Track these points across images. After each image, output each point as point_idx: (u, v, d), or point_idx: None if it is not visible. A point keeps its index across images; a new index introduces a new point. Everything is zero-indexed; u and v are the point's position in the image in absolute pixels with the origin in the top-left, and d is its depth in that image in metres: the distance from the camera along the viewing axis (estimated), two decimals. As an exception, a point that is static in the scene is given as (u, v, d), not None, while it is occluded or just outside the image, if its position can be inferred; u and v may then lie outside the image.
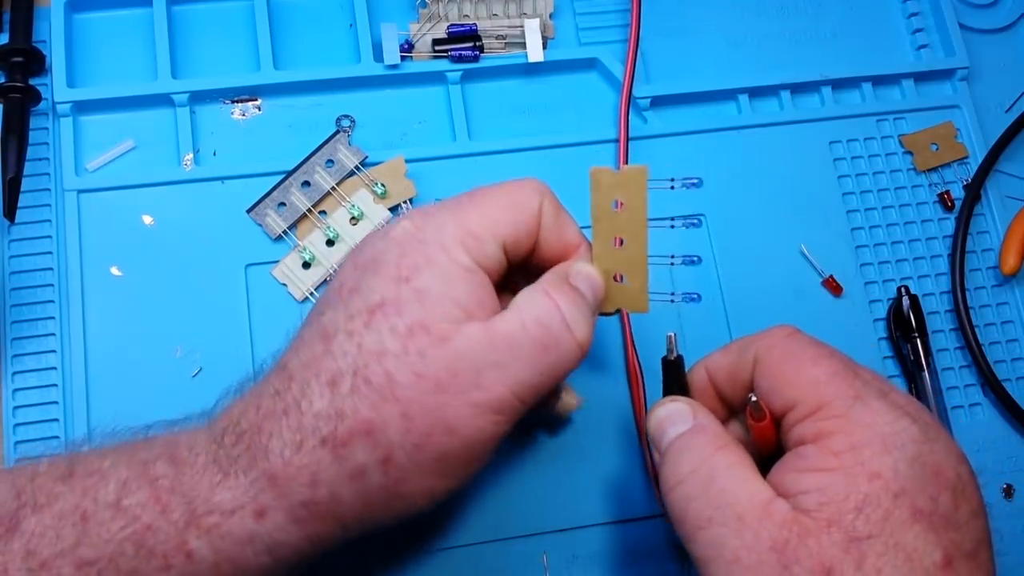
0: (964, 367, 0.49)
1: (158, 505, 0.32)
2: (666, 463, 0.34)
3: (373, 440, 0.32)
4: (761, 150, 0.51)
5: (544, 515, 0.44)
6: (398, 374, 0.32)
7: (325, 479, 0.32)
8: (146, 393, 0.43)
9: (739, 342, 0.36)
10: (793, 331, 0.35)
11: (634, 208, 0.35)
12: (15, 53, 0.47)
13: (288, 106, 0.49)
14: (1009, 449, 0.48)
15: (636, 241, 0.36)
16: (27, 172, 0.45)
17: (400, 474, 0.32)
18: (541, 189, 0.36)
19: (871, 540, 0.29)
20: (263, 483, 0.32)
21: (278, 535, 0.32)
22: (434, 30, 0.50)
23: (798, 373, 0.33)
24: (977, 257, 0.51)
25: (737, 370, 0.36)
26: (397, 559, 0.42)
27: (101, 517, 0.31)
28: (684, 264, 0.41)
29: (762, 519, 0.30)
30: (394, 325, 0.32)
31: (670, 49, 0.53)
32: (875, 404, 0.31)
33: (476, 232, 0.34)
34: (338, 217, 0.47)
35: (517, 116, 0.51)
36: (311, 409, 0.32)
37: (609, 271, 0.37)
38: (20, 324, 0.44)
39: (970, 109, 0.53)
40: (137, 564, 0.31)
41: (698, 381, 0.37)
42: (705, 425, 0.34)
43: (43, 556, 0.31)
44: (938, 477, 0.30)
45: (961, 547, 0.30)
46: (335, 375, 0.32)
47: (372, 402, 0.31)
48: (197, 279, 0.46)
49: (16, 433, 0.43)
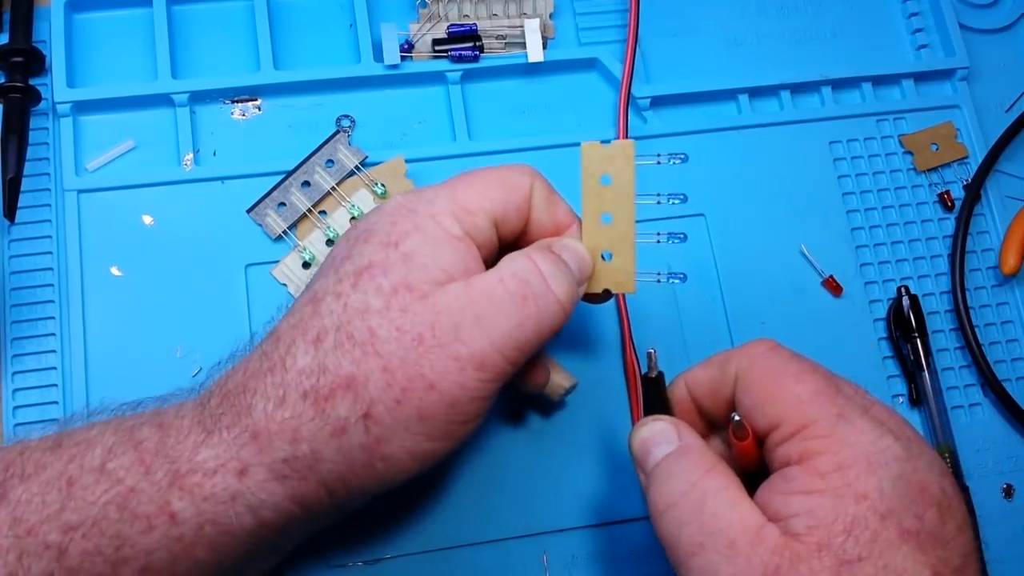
0: (964, 367, 0.49)
1: (142, 467, 0.32)
2: (653, 486, 0.33)
3: (354, 394, 0.32)
4: (761, 150, 0.51)
5: (544, 515, 0.44)
6: (380, 329, 0.32)
7: (307, 434, 0.32)
8: (146, 393, 0.43)
9: (719, 356, 0.36)
10: (773, 345, 0.35)
11: (622, 183, 0.36)
12: (15, 53, 0.47)
13: (288, 106, 0.49)
14: (1009, 449, 0.48)
15: (623, 216, 0.36)
16: (27, 172, 0.45)
17: (381, 431, 0.32)
18: (532, 172, 0.37)
19: (861, 563, 0.29)
20: (245, 439, 0.32)
21: (260, 494, 0.32)
22: (434, 30, 0.50)
23: (781, 391, 0.33)
24: (977, 257, 0.51)
25: (718, 385, 0.35)
26: (398, 559, 0.42)
27: (85, 481, 0.32)
28: (671, 242, 0.41)
29: (754, 545, 0.30)
30: (379, 285, 0.33)
31: (670, 49, 0.53)
32: (859, 422, 0.31)
33: (466, 206, 0.35)
34: (338, 217, 0.47)
35: (517, 116, 0.51)
36: (295, 366, 0.33)
37: (597, 248, 0.37)
38: (20, 324, 0.44)
39: (970, 109, 0.53)
40: (120, 527, 0.31)
41: (679, 396, 0.37)
42: (691, 446, 0.33)
43: (30, 522, 0.31)
44: (923, 494, 0.30)
45: (949, 563, 0.30)
46: (320, 332, 0.33)
47: (354, 357, 0.32)
48: (197, 279, 0.46)
49: (16, 433, 0.43)
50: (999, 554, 0.45)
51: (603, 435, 0.45)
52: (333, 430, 0.32)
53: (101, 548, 0.31)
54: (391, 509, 0.43)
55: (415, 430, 0.32)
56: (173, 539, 0.32)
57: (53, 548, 0.31)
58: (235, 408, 0.33)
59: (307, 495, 0.33)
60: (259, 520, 0.33)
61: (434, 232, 0.34)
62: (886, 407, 0.33)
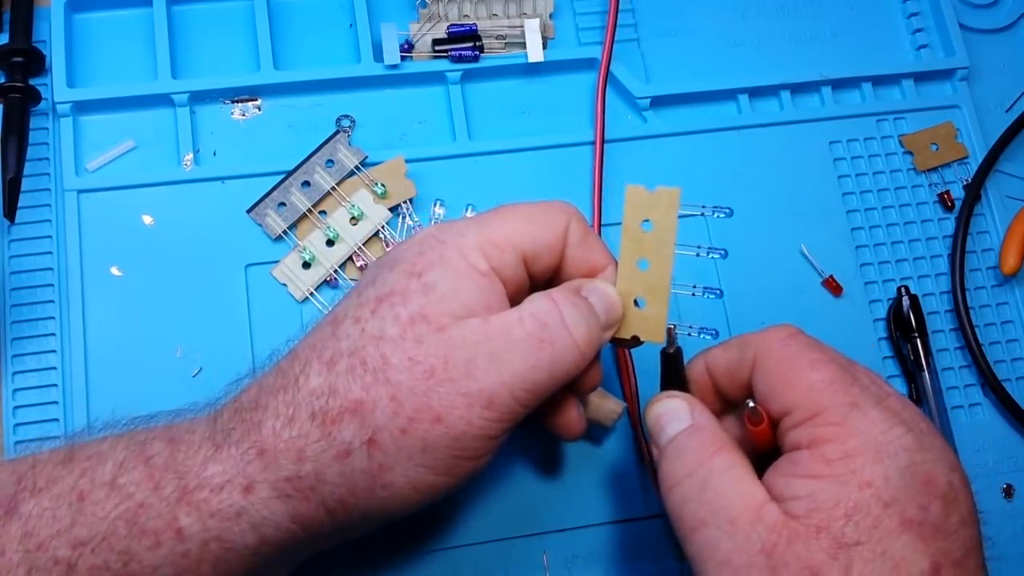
0: (964, 367, 0.49)
1: (151, 482, 0.32)
2: (664, 462, 0.34)
3: (360, 419, 0.32)
4: (761, 150, 0.51)
5: (544, 515, 0.44)
6: (393, 357, 0.32)
7: (311, 454, 0.32)
8: (146, 393, 0.43)
9: (739, 339, 0.36)
10: (793, 332, 0.35)
11: (663, 230, 0.35)
12: (15, 53, 0.47)
13: (288, 106, 0.49)
14: (1009, 449, 0.48)
15: (661, 264, 0.36)
16: (27, 172, 0.45)
17: (384, 459, 0.32)
18: (569, 210, 0.37)
19: (859, 547, 0.29)
20: (251, 455, 0.32)
21: (263, 511, 0.32)
22: (434, 30, 0.50)
23: (796, 378, 0.33)
24: (977, 257, 0.51)
25: (736, 367, 0.36)
26: (398, 559, 0.42)
27: (96, 496, 0.32)
28: (706, 296, 0.41)
29: (754, 522, 0.30)
30: (397, 313, 0.33)
31: (670, 49, 0.53)
32: (871, 412, 0.31)
33: (495, 240, 0.35)
34: (338, 217, 0.47)
35: (517, 116, 0.51)
36: (307, 385, 0.33)
37: (630, 293, 0.36)
38: (20, 324, 0.44)
39: (970, 109, 0.53)
40: (129, 543, 0.31)
41: (697, 375, 0.37)
42: (703, 425, 0.34)
43: (40, 537, 0.31)
44: (929, 486, 0.30)
45: (949, 555, 0.30)
46: (335, 355, 0.33)
47: (365, 383, 0.32)
48: (197, 279, 0.46)
49: (16, 433, 0.43)
50: (999, 554, 0.45)
51: (603, 435, 0.45)
52: (337, 453, 0.32)
53: (109, 564, 0.31)
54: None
55: (418, 460, 0.32)
56: (179, 555, 0.32)
57: (62, 563, 0.31)
58: (245, 423, 0.33)
59: (308, 516, 0.33)
60: (261, 538, 0.33)
61: (458, 265, 0.34)
62: (901, 397, 0.33)
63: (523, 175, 0.49)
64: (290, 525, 0.33)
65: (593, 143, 0.49)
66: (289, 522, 0.33)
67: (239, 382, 0.36)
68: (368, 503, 0.33)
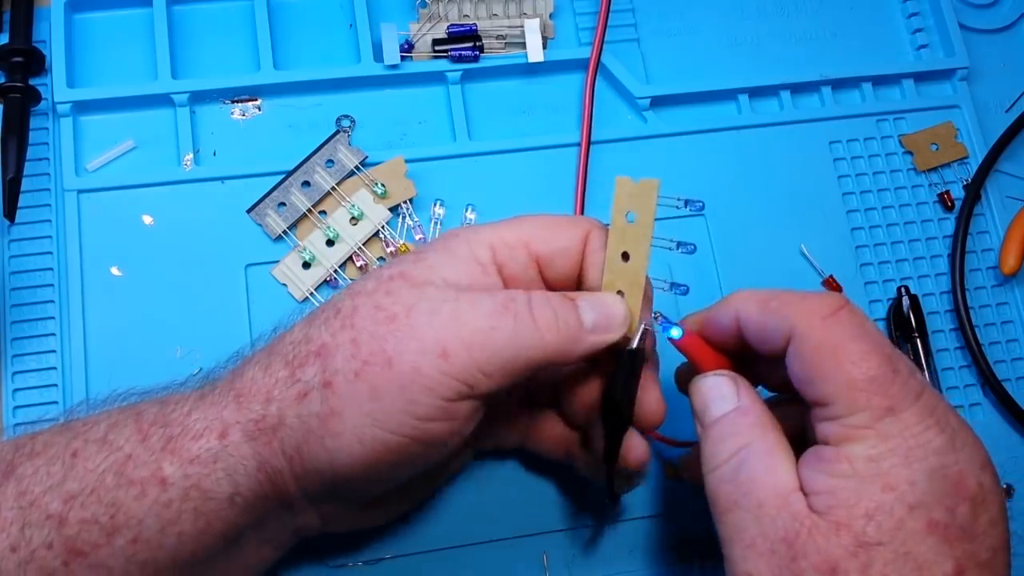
0: (964, 367, 0.49)
1: (139, 435, 0.33)
2: (707, 443, 0.34)
3: (322, 362, 0.33)
4: (761, 150, 0.51)
5: (544, 515, 0.44)
6: (362, 306, 0.33)
7: (277, 396, 0.33)
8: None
9: (777, 300, 0.34)
10: (838, 308, 0.32)
11: (641, 223, 0.35)
12: (15, 53, 0.47)
13: (288, 106, 0.49)
14: (1009, 449, 0.48)
15: (637, 258, 0.35)
16: (27, 172, 0.45)
17: (335, 402, 0.32)
18: (591, 224, 0.37)
19: (880, 547, 0.29)
20: (228, 400, 0.34)
21: (235, 455, 0.33)
22: (434, 30, 0.50)
23: (836, 372, 0.31)
24: (977, 257, 0.51)
25: (768, 331, 0.33)
26: (397, 559, 0.42)
27: (88, 452, 0.33)
28: (673, 292, 0.40)
29: (780, 509, 0.31)
30: (381, 273, 0.35)
31: (670, 49, 0.53)
32: (905, 415, 0.31)
33: (507, 239, 0.35)
34: (338, 217, 0.47)
35: (517, 116, 0.51)
36: (289, 337, 0.35)
37: (613, 287, 0.36)
38: (20, 324, 0.44)
39: (970, 109, 0.53)
40: (116, 494, 0.32)
41: (726, 322, 0.35)
42: (748, 407, 0.34)
43: (34, 493, 0.32)
44: (959, 488, 0.30)
45: (975, 557, 0.30)
46: (320, 311, 0.35)
47: (333, 329, 0.33)
48: (197, 279, 0.46)
49: (16, 432, 0.43)
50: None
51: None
52: (297, 393, 0.33)
53: (97, 516, 0.32)
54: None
55: (366, 408, 0.32)
56: (162, 505, 0.32)
57: (54, 518, 0.32)
58: (232, 374, 0.35)
59: (271, 462, 0.33)
60: (235, 486, 0.33)
61: (459, 251, 0.35)
62: (935, 393, 0.32)
63: (523, 175, 0.49)
64: (257, 474, 0.33)
65: (594, 143, 0.49)
66: (256, 470, 0.33)
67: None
68: (318, 453, 0.33)
